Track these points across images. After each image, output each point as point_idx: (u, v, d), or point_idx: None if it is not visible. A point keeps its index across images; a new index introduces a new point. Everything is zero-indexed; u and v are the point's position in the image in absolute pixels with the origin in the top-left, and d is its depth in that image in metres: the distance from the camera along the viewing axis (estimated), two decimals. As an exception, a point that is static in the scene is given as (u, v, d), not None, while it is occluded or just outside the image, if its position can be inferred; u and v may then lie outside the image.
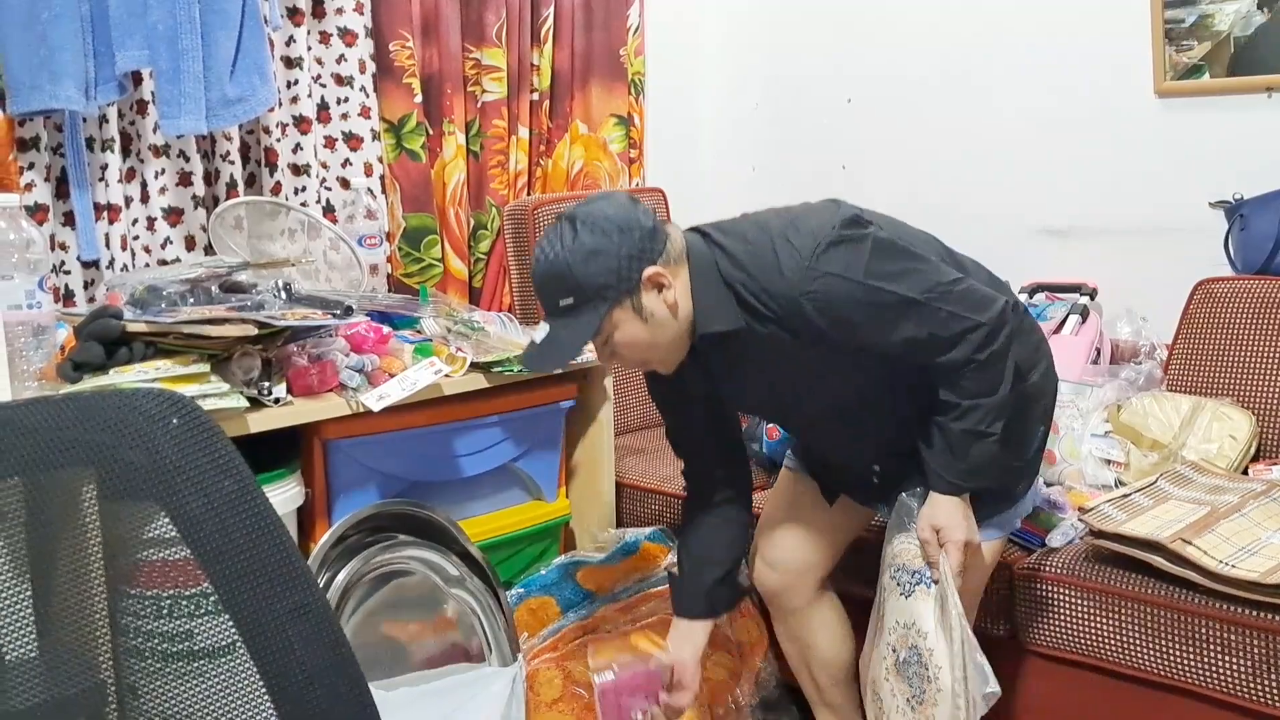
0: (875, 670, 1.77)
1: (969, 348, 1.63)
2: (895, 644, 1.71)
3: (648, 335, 1.65)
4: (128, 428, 0.96)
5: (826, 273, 1.58)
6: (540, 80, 2.97)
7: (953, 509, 1.69)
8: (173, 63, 2.12)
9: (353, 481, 2.03)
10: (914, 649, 1.67)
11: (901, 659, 1.69)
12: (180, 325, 1.75)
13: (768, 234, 1.64)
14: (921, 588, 1.68)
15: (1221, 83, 2.52)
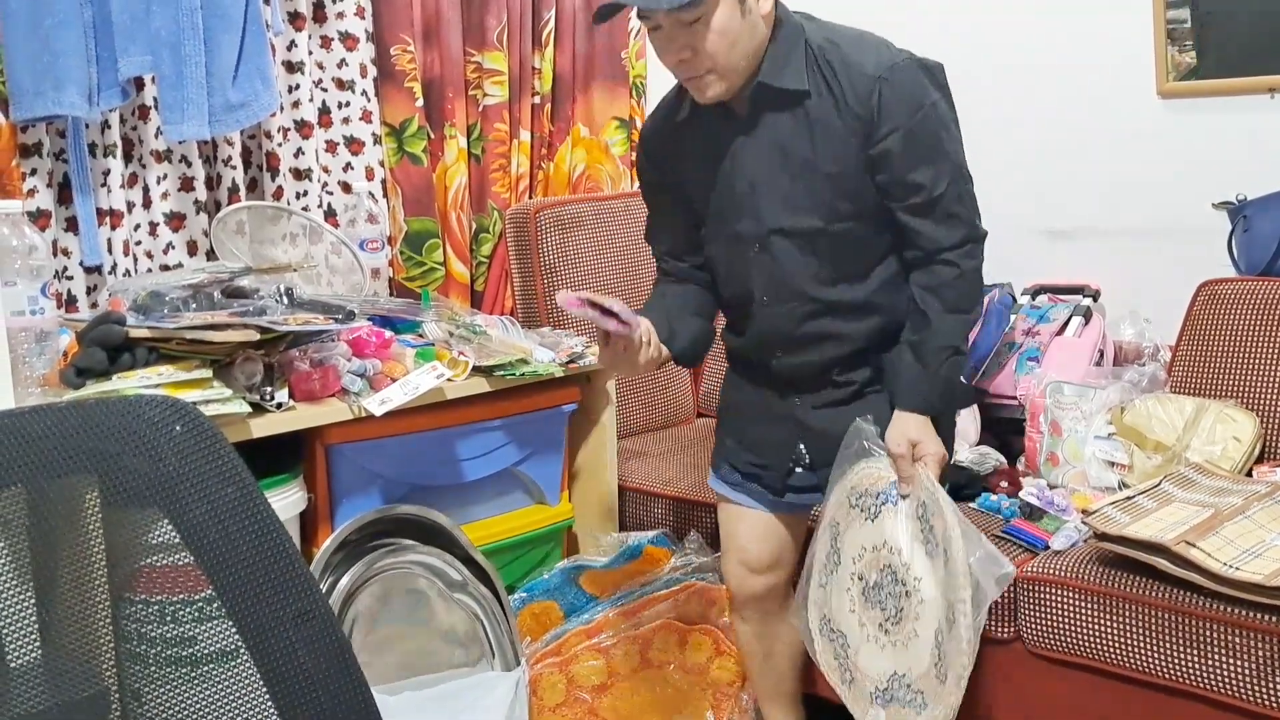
0: (831, 607, 1.75)
1: (956, 239, 1.69)
2: (861, 571, 1.70)
3: (735, 32, 1.61)
4: (131, 435, 0.96)
5: (909, 72, 1.66)
6: (542, 83, 2.97)
7: (923, 425, 1.70)
8: (175, 68, 2.12)
9: (355, 486, 2.03)
10: (887, 568, 1.67)
11: (872, 583, 1.68)
12: (183, 331, 1.75)
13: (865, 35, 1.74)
14: (888, 507, 1.68)
15: (1224, 83, 2.52)
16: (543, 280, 2.74)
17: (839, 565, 1.75)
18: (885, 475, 1.70)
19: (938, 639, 1.61)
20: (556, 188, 3.06)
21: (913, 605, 1.63)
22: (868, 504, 1.71)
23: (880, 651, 1.68)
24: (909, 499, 1.67)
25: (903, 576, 1.65)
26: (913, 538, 1.65)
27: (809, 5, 1.82)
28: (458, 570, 2.02)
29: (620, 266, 2.85)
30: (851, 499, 1.74)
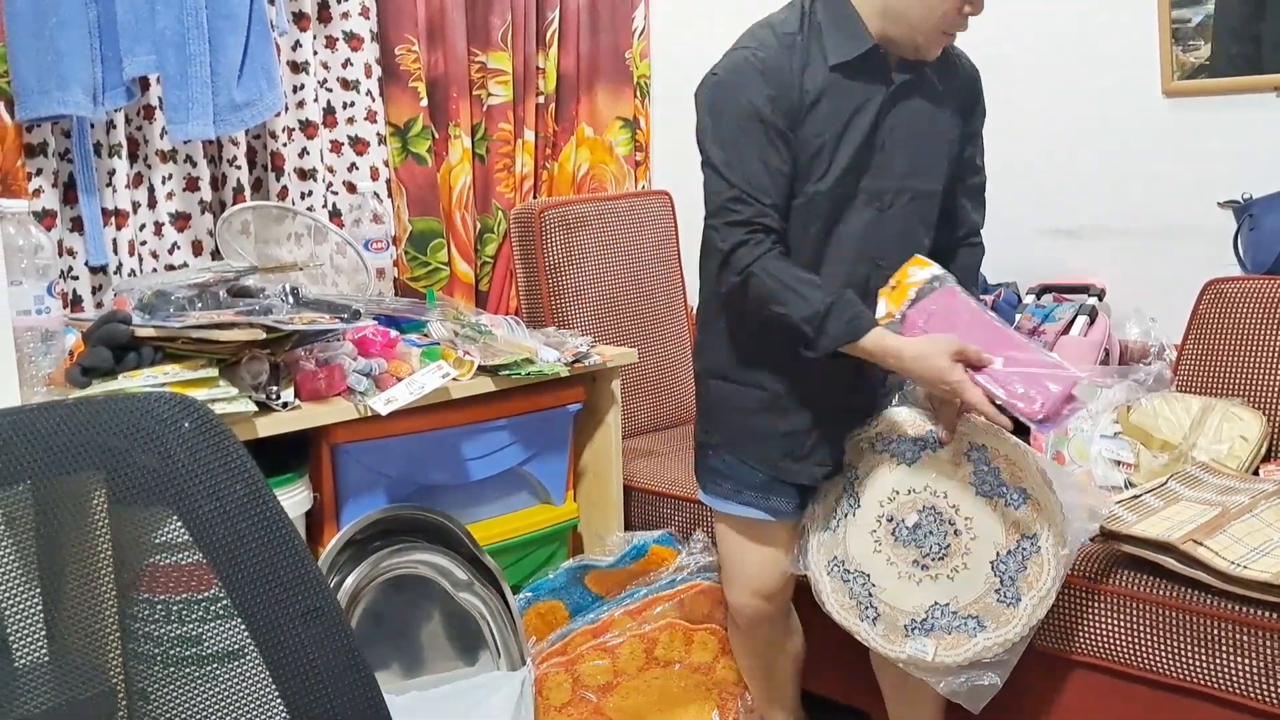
0: (846, 549, 1.81)
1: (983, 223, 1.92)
2: (892, 513, 1.78)
3: None
4: (140, 431, 0.96)
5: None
6: (546, 84, 2.97)
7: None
8: (180, 68, 2.12)
9: (360, 485, 2.03)
10: (929, 509, 1.76)
11: (910, 524, 1.76)
12: (189, 330, 1.75)
13: None
14: (928, 453, 1.77)
15: (1229, 82, 2.52)
16: (547, 280, 2.73)
17: (857, 508, 1.81)
18: (920, 422, 1.78)
19: (996, 568, 1.72)
20: (561, 187, 3.05)
21: (962, 542, 1.74)
22: (900, 449, 1.79)
23: (916, 586, 1.76)
24: (950, 444, 1.75)
25: (950, 517, 1.75)
26: (962, 479, 1.74)
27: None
28: (463, 569, 2.02)
29: (625, 267, 2.85)
30: (877, 445, 1.81)
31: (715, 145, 1.70)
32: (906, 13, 1.67)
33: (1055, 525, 1.71)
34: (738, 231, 1.68)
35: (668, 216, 2.97)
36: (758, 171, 1.67)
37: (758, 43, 1.71)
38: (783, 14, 1.76)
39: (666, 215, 2.97)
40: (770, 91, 1.66)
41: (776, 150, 1.68)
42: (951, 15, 1.66)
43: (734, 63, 1.71)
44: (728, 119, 1.69)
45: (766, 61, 1.68)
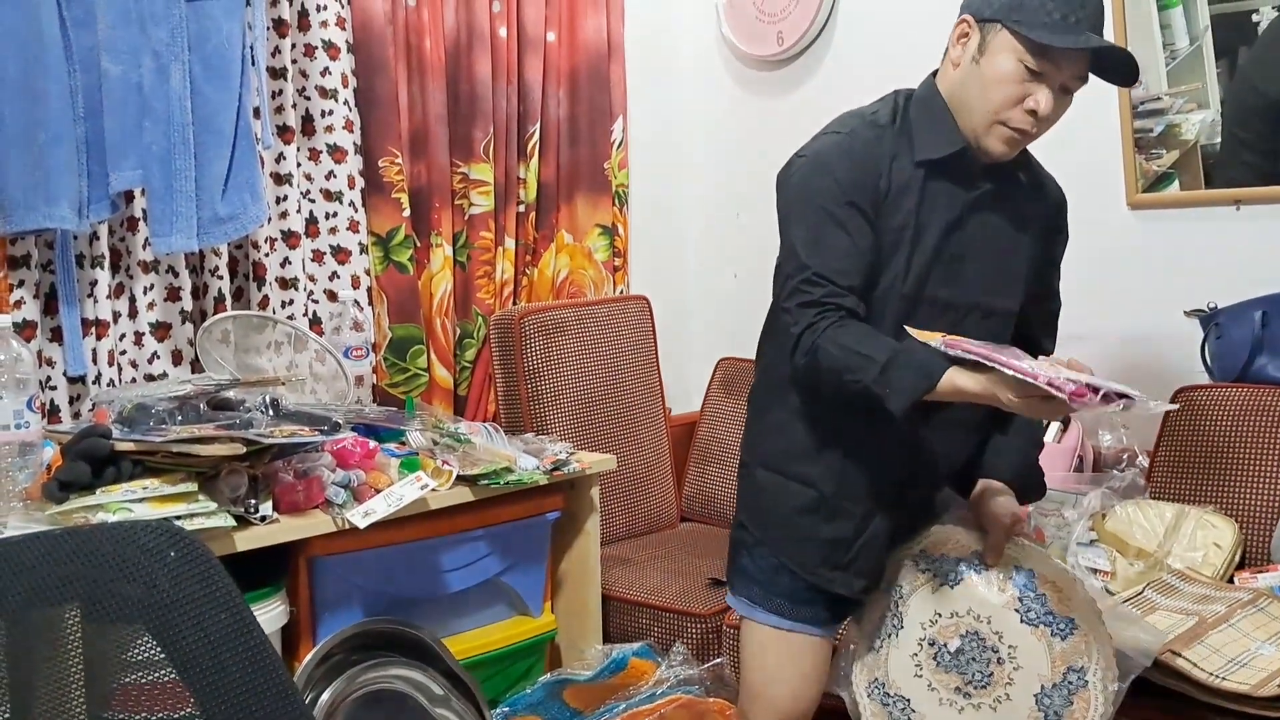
0: (887, 671, 1.75)
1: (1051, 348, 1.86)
2: (934, 636, 1.70)
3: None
4: (125, 562, 0.96)
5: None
6: (527, 193, 3.02)
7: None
8: (165, 182, 2.15)
9: (338, 598, 2.01)
10: (972, 634, 1.69)
11: (952, 649, 1.69)
12: (169, 444, 1.75)
13: None
14: (971, 573, 1.70)
15: (1191, 195, 2.59)
16: (526, 385, 2.75)
17: (900, 629, 1.74)
18: (965, 542, 1.72)
19: (1040, 702, 1.65)
20: (540, 293, 3.09)
21: (1005, 671, 1.67)
22: (944, 569, 1.72)
23: (958, 715, 1.70)
24: (996, 567, 1.69)
25: (993, 644, 1.68)
26: (1006, 605, 1.67)
27: (794, 117, 1.87)
28: (440, 684, 1.99)
29: (603, 371, 2.87)
30: (920, 563, 1.74)
31: (796, 225, 1.65)
32: (968, 100, 1.63)
33: (1105, 658, 1.63)
34: (809, 313, 1.60)
35: (646, 321, 3.01)
36: (837, 253, 1.61)
37: (848, 129, 1.68)
38: (875, 106, 1.73)
39: (644, 320, 3.01)
40: (856, 175, 1.63)
41: (860, 232, 1.63)
42: (1008, 105, 1.60)
43: (822, 145, 1.68)
44: (811, 200, 1.64)
45: (855, 147, 1.65)
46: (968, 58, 1.63)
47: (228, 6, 2.21)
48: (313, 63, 2.57)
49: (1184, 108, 2.58)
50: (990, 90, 1.60)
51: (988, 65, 1.60)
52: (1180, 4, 2.57)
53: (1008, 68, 1.58)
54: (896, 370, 1.53)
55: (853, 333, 1.58)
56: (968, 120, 1.64)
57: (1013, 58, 1.58)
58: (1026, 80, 1.58)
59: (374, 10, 2.66)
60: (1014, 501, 1.74)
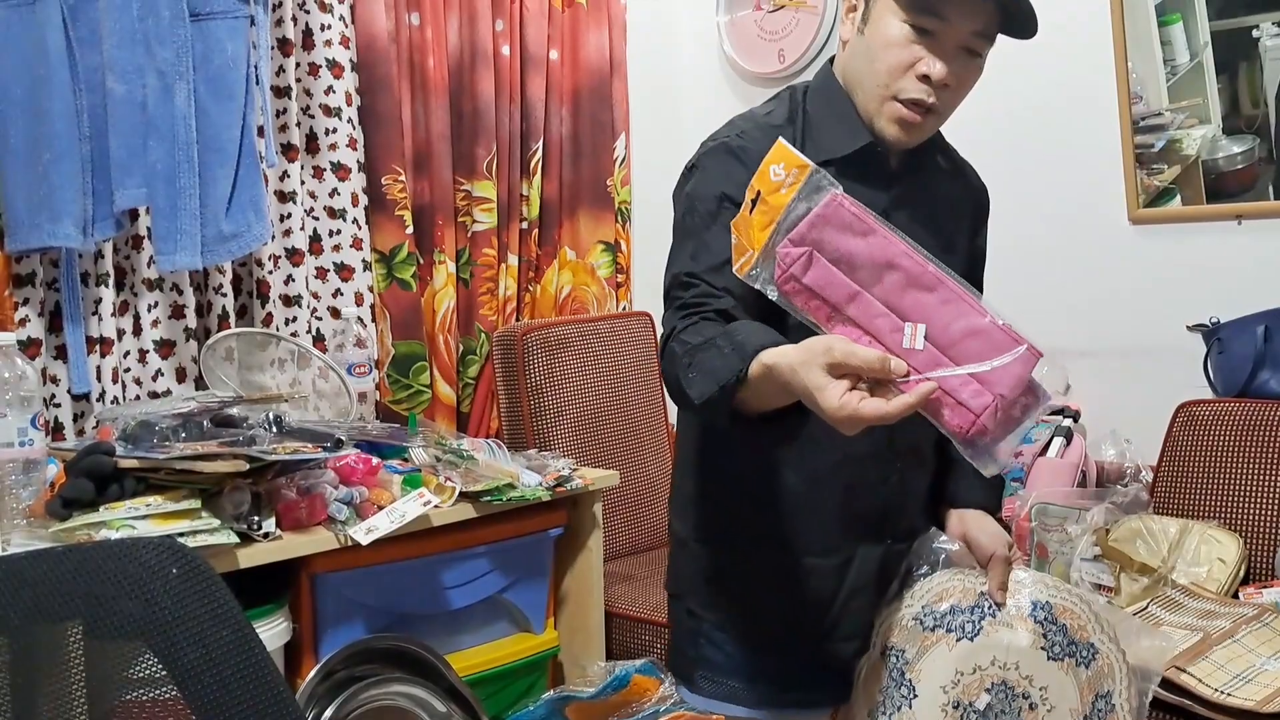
0: None
1: None
2: (959, 697, 1.50)
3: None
4: (126, 579, 0.96)
5: None
6: (529, 210, 3.04)
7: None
8: (170, 200, 2.16)
9: (340, 615, 2.01)
10: (1000, 685, 1.49)
11: (981, 707, 1.49)
12: (172, 461, 1.75)
13: None
14: (988, 620, 1.49)
15: (1193, 210, 2.60)
16: (529, 402, 2.75)
17: (914, 698, 1.53)
18: (969, 586, 1.52)
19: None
20: (543, 309, 3.10)
21: (1038, 715, 1.49)
22: (956, 622, 1.51)
23: None
24: (1007, 605, 1.50)
25: (1024, 690, 1.50)
26: (1032, 645, 1.49)
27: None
28: (442, 701, 1.99)
29: (606, 387, 2.87)
30: (926, 620, 1.53)
31: (678, 236, 1.45)
32: (858, 74, 1.45)
33: (1125, 676, 1.51)
34: (674, 316, 1.37)
35: (648, 337, 3.02)
36: (714, 254, 1.37)
37: (737, 131, 1.48)
38: (769, 105, 1.54)
39: (647, 336, 3.02)
40: (747, 176, 1.31)
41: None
42: (898, 74, 1.40)
43: (706, 150, 1.49)
44: (694, 209, 1.44)
45: (745, 149, 1.43)
46: (852, 31, 1.46)
47: (232, 27, 2.22)
48: (317, 81, 2.58)
49: (1185, 123, 2.59)
50: (876, 59, 1.40)
51: (872, 33, 1.41)
52: (1180, 20, 2.58)
53: (892, 31, 1.38)
54: (710, 350, 1.26)
55: (703, 327, 1.32)
56: (863, 101, 1.45)
57: (895, 19, 1.38)
58: (915, 42, 1.38)
59: (378, 29, 2.67)
60: (1000, 528, 1.56)
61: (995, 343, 1.14)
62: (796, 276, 1.19)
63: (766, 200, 1.21)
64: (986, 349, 1.14)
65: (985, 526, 1.56)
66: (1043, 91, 2.72)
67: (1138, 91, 2.63)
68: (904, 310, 1.16)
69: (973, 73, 1.43)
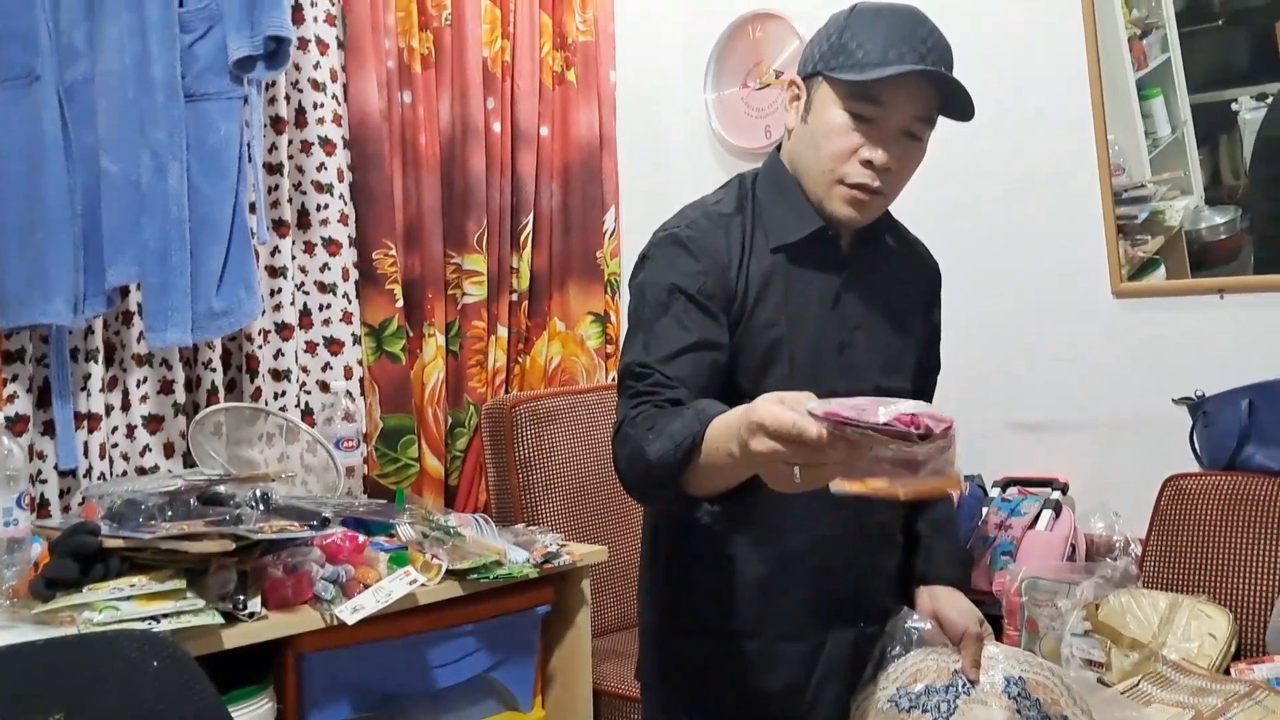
0: None
1: None
2: None
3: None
4: (108, 673, 0.96)
5: None
6: (519, 282, 3.05)
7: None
8: (162, 278, 2.17)
9: (326, 695, 1.99)
10: None
11: None
12: (158, 541, 1.75)
13: None
14: (964, 698, 1.48)
15: (1175, 284, 2.62)
16: (518, 475, 2.75)
17: None
18: (943, 665, 1.51)
19: None
20: (532, 380, 3.10)
21: None
22: (932, 702, 1.49)
23: None
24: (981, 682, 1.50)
25: None
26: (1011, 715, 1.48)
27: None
28: (429, 783, 1.97)
29: (595, 460, 2.87)
30: (901, 702, 1.51)
31: (631, 329, 1.46)
32: (804, 161, 1.49)
33: None
34: (627, 405, 1.38)
35: (637, 411, 3.02)
36: (667, 344, 1.39)
37: (687, 222, 1.49)
38: (718, 194, 1.56)
39: (636, 410, 3.02)
40: (697, 267, 1.43)
41: (699, 326, 1.41)
42: (842, 160, 1.44)
43: (657, 240, 1.50)
44: (645, 300, 1.45)
45: (694, 239, 1.46)
46: (796, 119, 1.50)
47: (226, 107, 2.25)
48: (309, 158, 2.61)
49: (1168, 194, 2.63)
50: (820, 146, 1.45)
51: (815, 121, 1.46)
52: (1161, 94, 2.63)
53: (834, 119, 1.43)
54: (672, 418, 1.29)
55: (661, 413, 1.33)
56: (811, 186, 1.48)
57: (835, 107, 1.43)
58: (855, 130, 1.43)
59: (370, 107, 2.71)
60: (970, 604, 1.56)
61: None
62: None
63: None
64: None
65: (956, 603, 1.57)
66: (1025, 166, 2.77)
67: (1120, 164, 2.68)
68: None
69: (915, 155, 1.48)
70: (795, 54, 3.18)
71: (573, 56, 3.16)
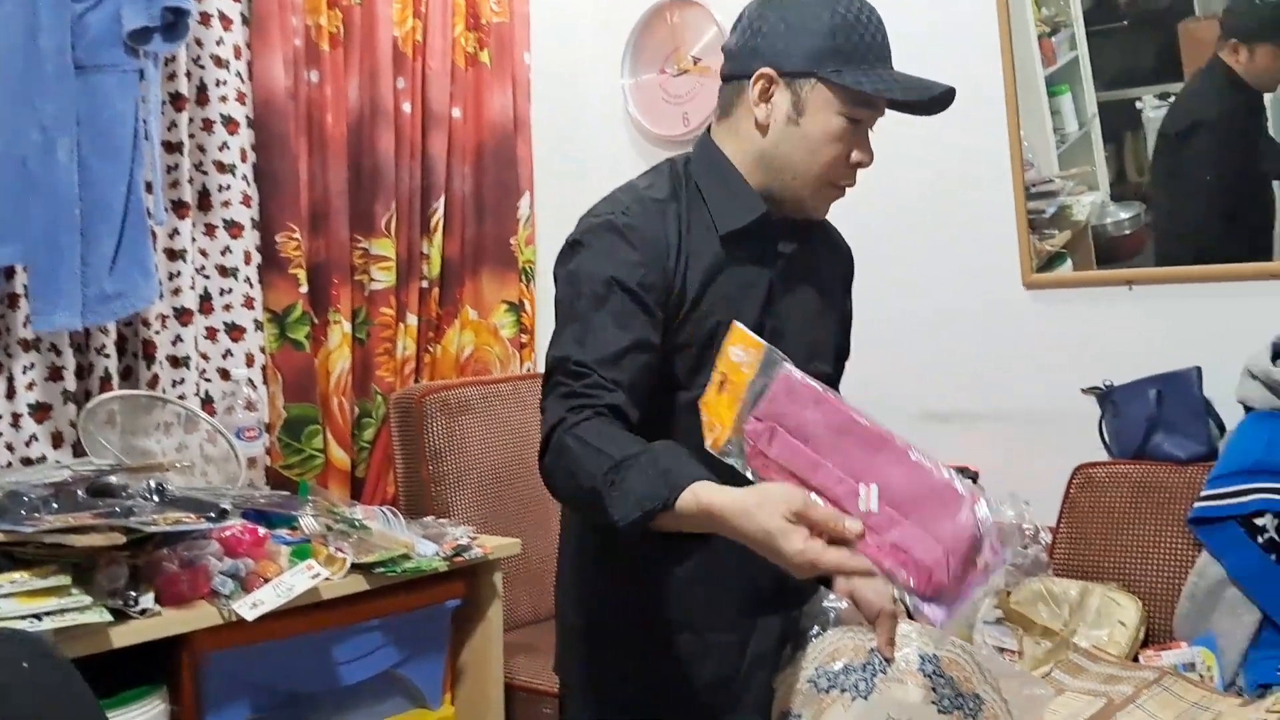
0: None
1: None
2: None
3: None
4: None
5: None
6: (430, 268, 2.98)
7: None
8: (50, 259, 2.07)
9: (224, 696, 1.91)
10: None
11: None
12: (41, 534, 1.65)
13: None
14: (880, 677, 1.48)
15: (1085, 275, 2.65)
16: (428, 466, 2.68)
17: None
18: (861, 644, 1.51)
19: None
20: (444, 370, 3.04)
21: None
22: (849, 680, 1.50)
23: None
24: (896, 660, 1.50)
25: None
26: (924, 700, 1.49)
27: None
28: (332, 784, 1.90)
29: (509, 451, 2.81)
30: (820, 682, 1.51)
31: (563, 318, 1.42)
32: (791, 164, 1.46)
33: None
34: (561, 406, 1.34)
35: (552, 401, 2.97)
36: (605, 342, 1.36)
37: (621, 207, 1.45)
38: (648, 179, 1.52)
39: (550, 400, 2.97)
40: (636, 258, 1.40)
41: (636, 325, 1.39)
42: (838, 165, 1.46)
43: (590, 226, 1.45)
44: (579, 289, 1.40)
45: (633, 227, 1.42)
46: (779, 117, 1.45)
47: (120, 81, 2.15)
48: (211, 137, 2.51)
49: (1074, 190, 2.66)
50: (819, 151, 1.44)
51: (811, 125, 1.44)
52: (1069, 91, 2.66)
53: (834, 124, 1.43)
54: (633, 470, 1.24)
55: (605, 429, 1.30)
56: (789, 184, 1.47)
57: (834, 112, 1.43)
58: (849, 133, 1.45)
59: (275, 85, 2.62)
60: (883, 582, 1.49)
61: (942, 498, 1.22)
62: (763, 451, 1.27)
63: (730, 380, 1.30)
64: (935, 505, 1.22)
65: (871, 583, 1.51)
66: (940, 157, 2.77)
67: (1029, 159, 2.70)
68: (858, 473, 1.24)
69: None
70: (714, 40, 3.15)
71: (486, 37, 3.10)
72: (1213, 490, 2.24)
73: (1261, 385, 2.24)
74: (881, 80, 1.42)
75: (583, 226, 1.47)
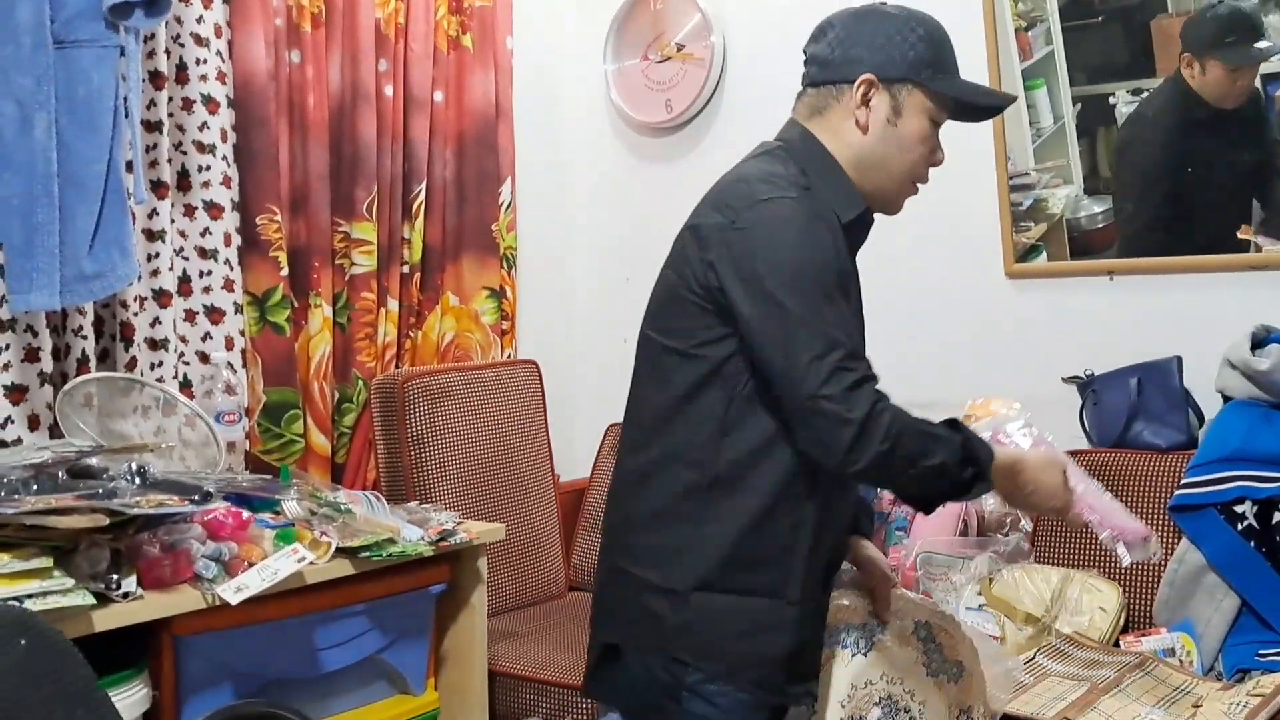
0: None
1: None
2: (853, 712, 1.61)
3: None
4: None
5: None
6: (411, 253, 2.96)
7: None
8: (26, 237, 2.03)
9: (205, 680, 1.89)
10: (887, 699, 1.64)
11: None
12: (22, 516, 1.62)
13: None
14: (878, 637, 1.66)
15: (1067, 265, 2.68)
16: (410, 452, 2.66)
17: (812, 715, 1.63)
18: (859, 607, 1.66)
19: None
20: (424, 355, 3.01)
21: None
22: (853, 638, 1.65)
23: None
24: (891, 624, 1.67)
25: (905, 704, 1.65)
26: (915, 661, 1.67)
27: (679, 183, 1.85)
28: (316, 770, 1.88)
29: (491, 437, 2.80)
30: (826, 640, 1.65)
31: (811, 288, 1.46)
32: (886, 162, 1.60)
33: (983, 695, 1.71)
34: (864, 393, 1.43)
35: (534, 386, 2.96)
36: (851, 328, 1.52)
37: (788, 185, 1.53)
38: (777, 166, 1.58)
39: (533, 384, 2.96)
40: (833, 242, 1.52)
41: (855, 304, 1.59)
42: (922, 164, 1.63)
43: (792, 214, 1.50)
44: (805, 272, 1.47)
45: (817, 211, 1.53)
46: (879, 120, 1.58)
47: (100, 56, 2.11)
48: (190, 117, 2.48)
49: (1050, 183, 2.68)
50: (911, 151, 1.60)
51: (906, 126, 1.59)
52: (1044, 85, 2.68)
53: (924, 127, 1.60)
54: (975, 445, 1.50)
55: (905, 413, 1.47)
56: (882, 181, 1.62)
57: (924, 116, 1.59)
58: (931, 135, 1.62)
59: (256, 66, 2.58)
60: (879, 551, 1.75)
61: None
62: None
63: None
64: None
65: (865, 549, 1.73)
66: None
67: (1007, 152, 2.71)
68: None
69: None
70: (698, 28, 3.15)
71: (469, 21, 3.07)
72: (1193, 478, 2.26)
73: (1240, 375, 2.27)
74: (968, 87, 1.62)
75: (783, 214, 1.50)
